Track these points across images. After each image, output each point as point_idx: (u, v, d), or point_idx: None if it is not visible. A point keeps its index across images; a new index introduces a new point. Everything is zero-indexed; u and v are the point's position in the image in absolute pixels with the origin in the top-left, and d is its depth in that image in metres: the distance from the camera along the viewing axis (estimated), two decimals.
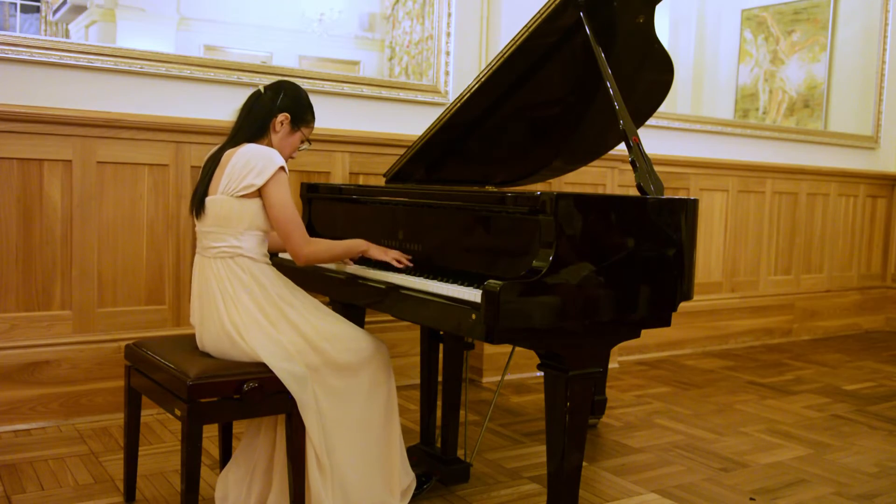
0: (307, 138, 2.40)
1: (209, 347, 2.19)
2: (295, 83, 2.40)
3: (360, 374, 2.22)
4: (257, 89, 2.33)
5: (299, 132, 2.35)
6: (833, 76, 5.89)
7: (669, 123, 4.79)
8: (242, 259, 2.17)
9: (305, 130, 2.37)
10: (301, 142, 2.38)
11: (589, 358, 1.97)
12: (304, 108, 2.35)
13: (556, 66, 2.55)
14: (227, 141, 2.28)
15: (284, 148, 2.33)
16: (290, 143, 2.35)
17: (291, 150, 2.37)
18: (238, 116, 2.31)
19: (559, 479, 1.99)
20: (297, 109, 2.33)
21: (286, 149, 2.34)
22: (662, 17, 5.77)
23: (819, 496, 2.64)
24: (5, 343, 2.96)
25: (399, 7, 4.46)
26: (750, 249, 5.23)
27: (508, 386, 3.87)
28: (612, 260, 1.96)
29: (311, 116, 2.38)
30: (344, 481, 2.17)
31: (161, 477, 2.57)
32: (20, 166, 2.96)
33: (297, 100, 2.34)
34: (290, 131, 2.33)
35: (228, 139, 2.28)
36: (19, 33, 3.12)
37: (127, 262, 3.18)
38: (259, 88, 2.33)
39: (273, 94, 2.31)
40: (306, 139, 2.39)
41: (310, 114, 2.38)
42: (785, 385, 4.16)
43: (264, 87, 2.33)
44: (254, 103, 2.31)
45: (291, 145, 2.36)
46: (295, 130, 2.34)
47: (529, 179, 3.02)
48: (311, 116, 2.38)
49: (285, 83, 2.37)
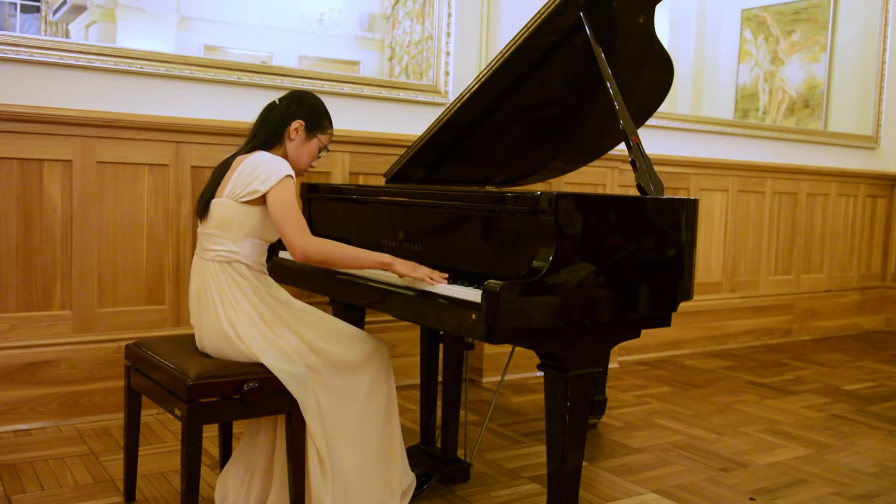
0: (325, 146, 2.37)
1: (208, 348, 2.19)
2: (310, 92, 2.40)
3: (360, 374, 2.22)
4: (273, 101, 2.32)
5: (315, 139, 2.33)
6: (833, 76, 5.89)
7: (669, 123, 4.78)
8: (239, 265, 2.16)
9: (322, 137, 2.35)
10: (319, 150, 2.36)
11: (589, 358, 1.98)
12: (320, 114, 2.33)
13: (556, 66, 2.55)
14: (241, 148, 2.28)
15: (301, 156, 2.31)
16: (307, 150, 2.32)
17: (310, 159, 2.34)
18: (253, 126, 2.31)
19: (559, 479, 1.99)
20: (312, 116, 2.31)
21: (303, 157, 2.31)
22: (662, 17, 5.77)
23: (819, 496, 2.64)
24: (5, 343, 2.96)
25: (399, 7, 4.46)
26: (750, 249, 5.23)
27: (508, 386, 3.87)
28: (612, 260, 1.96)
29: (327, 123, 2.35)
30: (344, 481, 2.17)
31: (161, 477, 2.57)
32: (20, 166, 2.96)
33: (311, 107, 2.32)
34: (305, 139, 2.30)
35: (242, 146, 2.28)
36: (19, 33, 3.12)
37: (127, 262, 3.18)
38: (275, 100, 2.32)
39: (287, 103, 2.30)
40: (324, 147, 2.37)
41: (326, 120, 2.35)
42: (785, 385, 4.17)
43: (279, 99, 2.32)
44: (268, 113, 2.30)
45: (309, 153, 2.32)
46: (311, 138, 2.31)
47: (529, 179, 3.02)
48: (327, 123, 2.35)
49: (300, 92, 2.37)
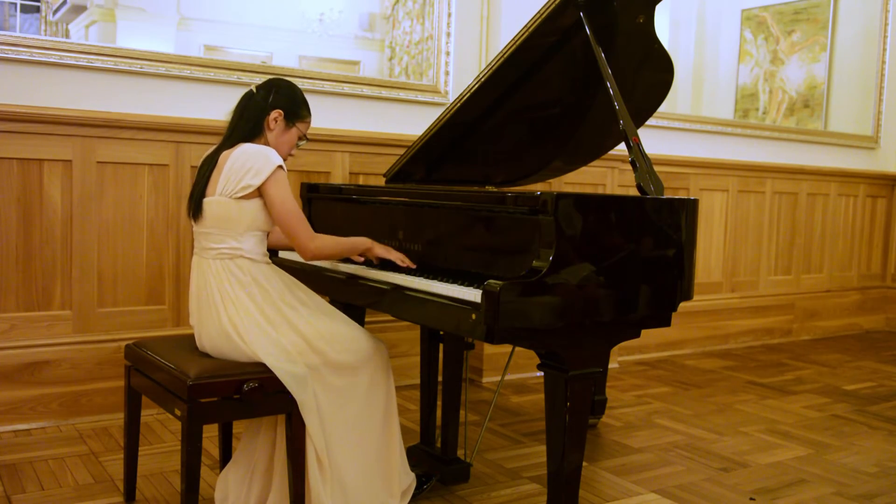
0: (304, 135, 2.36)
1: (208, 348, 2.19)
2: (287, 80, 2.37)
3: (359, 373, 2.22)
4: (249, 89, 2.31)
5: (294, 128, 2.32)
6: (833, 76, 5.89)
7: (669, 123, 4.78)
8: (242, 260, 2.16)
9: (301, 126, 2.34)
10: (298, 138, 2.35)
11: (589, 358, 1.97)
12: (298, 103, 2.32)
13: (556, 66, 2.55)
14: (222, 142, 2.27)
15: (281, 146, 2.30)
16: (287, 140, 2.32)
17: (289, 148, 2.34)
18: (232, 117, 2.29)
19: (559, 479, 1.99)
20: (290, 105, 2.30)
21: (283, 146, 2.31)
22: (662, 17, 5.77)
23: (819, 496, 2.64)
24: (5, 343, 2.96)
25: (399, 7, 4.46)
26: (750, 249, 5.23)
27: (508, 386, 3.87)
28: (612, 260, 1.96)
29: (305, 112, 2.35)
30: (343, 482, 2.17)
31: (161, 477, 2.57)
32: (20, 166, 2.96)
33: (289, 96, 2.31)
34: (284, 128, 2.30)
35: (223, 140, 2.27)
36: (19, 33, 3.12)
37: (127, 262, 3.18)
38: (251, 88, 2.31)
39: (265, 92, 2.28)
40: (303, 135, 2.36)
41: (304, 109, 2.34)
42: (785, 385, 4.16)
43: (256, 87, 2.30)
44: (246, 103, 2.28)
45: (288, 142, 2.32)
46: (290, 127, 2.31)
47: (529, 179, 3.02)
48: (305, 112, 2.35)
49: (277, 80, 2.35)
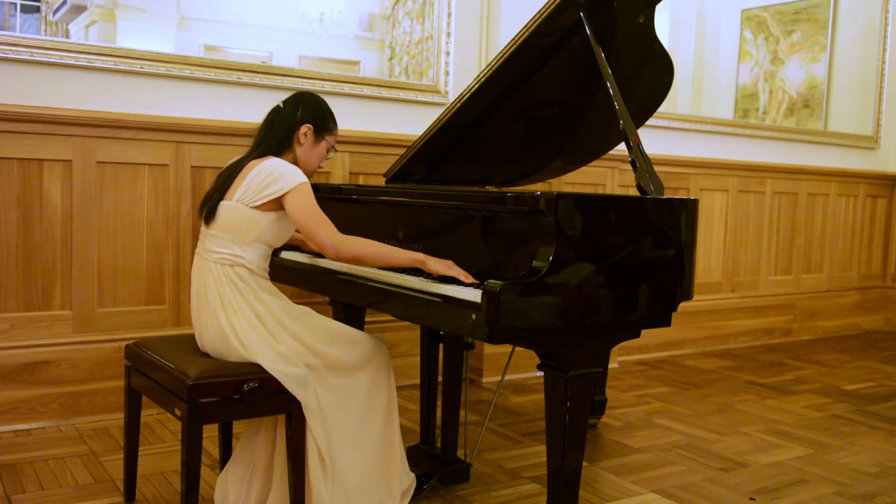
0: (333, 146, 2.39)
1: (208, 348, 2.19)
2: (312, 92, 2.41)
3: (359, 374, 2.22)
4: (277, 105, 2.33)
5: (324, 141, 2.35)
6: (833, 76, 5.89)
7: (669, 123, 4.78)
8: (242, 269, 2.17)
9: (330, 139, 2.36)
10: (327, 151, 2.38)
11: (589, 358, 1.98)
12: (325, 116, 2.35)
13: (556, 66, 2.55)
14: (249, 152, 2.27)
15: (311, 160, 2.32)
16: (316, 153, 2.34)
17: (319, 161, 2.36)
18: (259, 131, 2.31)
19: (559, 479, 1.99)
20: (319, 119, 2.32)
21: (313, 160, 2.33)
22: (662, 17, 5.77)
23: (819, 496, 2.64)
24: (5, 343, 2.96)
25: (399, 7, 4.46)
26: (750, 249, 5.23)
27: (508, 386, 3.87)
28: (612, 260, 1.96)
29: (332, 124, 2.37)
30: (344, 482, 2.17)
31: (161, 477, 2.57)
32: (20, 166, 2.96)
33: (316, 109, 2.33)
34: (314, 142, 2.32)
35: (251, 150, 2.27)
36: (19, 33, 3.12)
37: (127, 262, 3.18)
38: (279, 104, 2.33)
39: (292, 106, 2.30)
40: (332, 147, 2.39)
41: (331, 121, 2.37)
42: (785, 385, 4.16)
43: (283, 102, 2.33)
44: (275, 118, 2.30)
45: (318, 156, 2.35)
46: (319, 140, 2.33)
47: (529, 179, 3.02)
48: (332, 124, 2.37)
49: (303, 94, 2.37)
